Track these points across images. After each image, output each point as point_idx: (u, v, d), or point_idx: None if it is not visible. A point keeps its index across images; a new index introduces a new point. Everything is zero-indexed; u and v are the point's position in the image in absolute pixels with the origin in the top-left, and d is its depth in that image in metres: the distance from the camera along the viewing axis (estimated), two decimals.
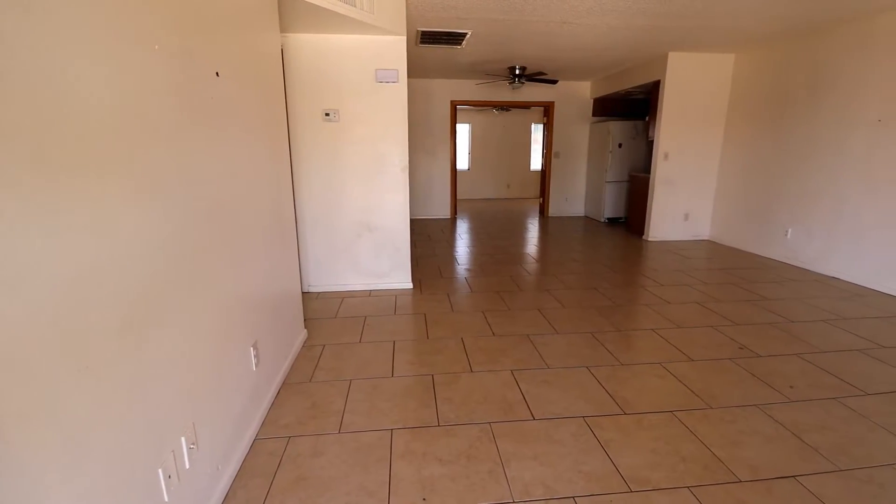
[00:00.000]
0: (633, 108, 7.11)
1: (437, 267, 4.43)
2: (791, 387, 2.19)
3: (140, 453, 1.09)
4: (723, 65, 5.22)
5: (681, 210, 5.63)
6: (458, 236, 6.02)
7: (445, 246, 5.40)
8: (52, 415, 0.83)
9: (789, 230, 4.51)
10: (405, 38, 3.30)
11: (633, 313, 3.18)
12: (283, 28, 3.04)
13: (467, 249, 5.23)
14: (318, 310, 3.24)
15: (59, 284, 0.85)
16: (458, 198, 8.53)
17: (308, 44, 3.22)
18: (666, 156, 5.42)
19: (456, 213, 7.81)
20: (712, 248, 5.23)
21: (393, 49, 3.30)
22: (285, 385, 2.21)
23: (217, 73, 1.57)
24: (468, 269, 4.35)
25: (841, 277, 3.97)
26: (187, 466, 1.29)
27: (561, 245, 5.47)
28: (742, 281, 3.93)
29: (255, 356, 1.86)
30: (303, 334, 2.71)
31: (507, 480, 1.58)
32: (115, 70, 1.04)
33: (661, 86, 5.28)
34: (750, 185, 5.03)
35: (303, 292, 3.56)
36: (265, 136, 2.09)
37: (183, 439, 1.28)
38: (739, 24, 3.93)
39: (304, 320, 2.92)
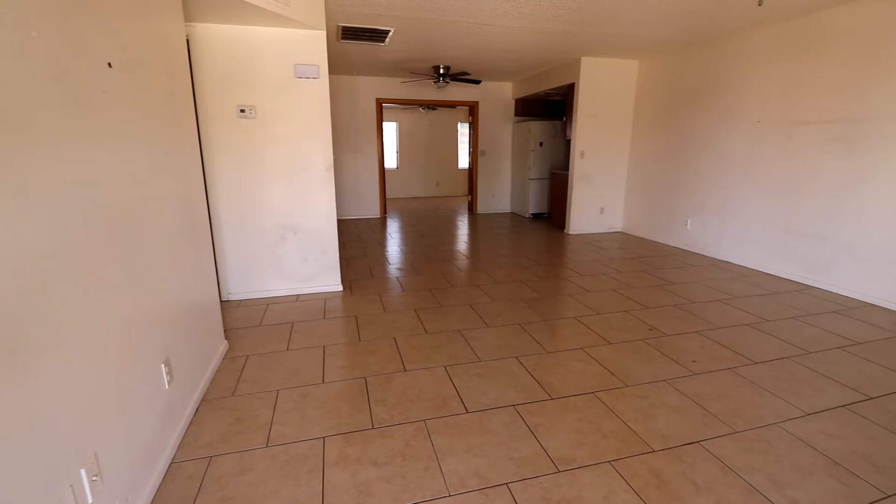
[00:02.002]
0: (551, 108, 7.49)
1: (368, 267, 4.37)
2: (693, 361, 2.44)
3: (27, 494, 0.96)
4: (629, 70, 5.66)
5: (597, 204, 6.03)
6: (388, 236, 5.97)
7: (376, 246, 5.33)
8: None
9: (688, 220, 5.01)
10: (325, 32, 3.20)
11: (557, 303, 3.36)
12: (189, 17, 2.81)
13: (398, 248, 5.20)
14: (240, 319, 3.05)
15: None
16: (387, 197, 8.45)
17: (219, 35, 3.01)
18: (582, 154, 5.77)
19: (386, 213, 7.74)
20: (625, 239, 5.66)
21: (312, 44, 3.19)
22: (205, 401, 2.06)
23: (109, 64, 1.42)
24: (400, 269, 4.33)
25: (732, 261, 4.49)
26: (90, 501, 1.16)
27: (490, 241, 5.62)
28: (650, 268, 4.30)
29: (167, 373, 1.71)
30: (223, 346, 2.54)
31: (442, 475, 1.60)
32: None
33: (575, 88, 5.61)
34: (654, 180, 5.51)
35: (222, 301, 3.33)
36: (171, 134, 1.92)
37: (83, 472, 1.14)
38: (641, 33, 4.28)
39: (225, 331, 2.73)
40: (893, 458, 1.69)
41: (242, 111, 3.14)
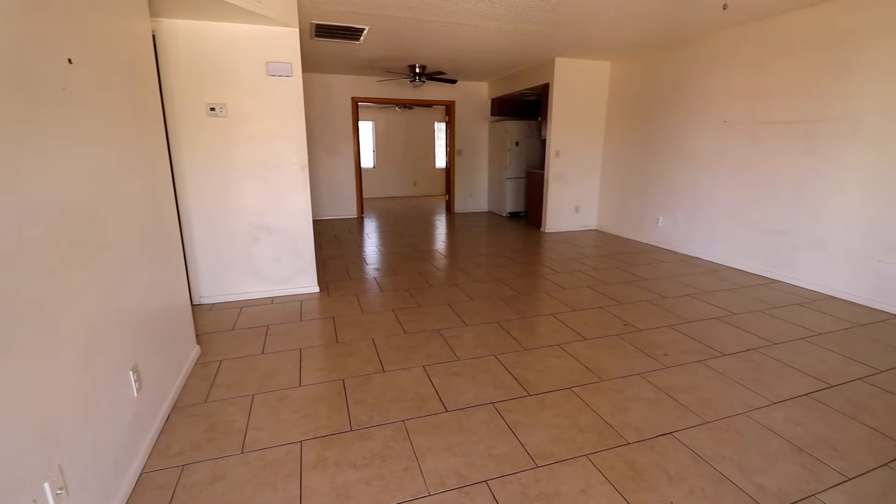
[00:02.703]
0: (527, 108, 7.56)
1: (345, 268, 4.32)
2: (665, 355, 2.51)
3: None
4: (601, 71, 5.77)
5: (572, 203, 6.12)
6: (366, 236, 5.92)
7: (353, 246, 5.28)
8: None
9: (660, 218, 5.14)
10: (297, 30, 3.15)
11: (535, 301, 3.40)
12: (155, 12, 2.73)
13: (376, 249, 5.17)
14: (212, 323, 2.97)
15: None
16: (364, 196, 8.37)
17: (187, 31, 2.92)
18: (557, 153, 5.85)
19: (363, 213, 7.67)
20: (599, 237, 5.77)
21: (285, 41, 3.13)
22: (176, 409, 2.00)
23: (70, 61, 1.36)
24: (377, 269, 4.30)
25: (701, 257, 4.63)
26: None
27: (467, 240, 5.64)
28: (624, 265, 4.39)
29: (135, 381, 1.65)
30: (195, 351, 2.47)
31: (422, 475, 1.59)
32: None
33: (550, 88, 5.69)
34: (626, 179, 5.64)
35: (194, 305, 3.25)
36: (136, 132, 1.86)
37: (46, 485, 1.09)
38: (613, 34, 4.37)
39: (197, 335, 2.66)
40: (853, 443, 1.78)
41: (213, 109, 3.06)
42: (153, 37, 2.72)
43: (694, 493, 1.51)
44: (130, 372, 1.63)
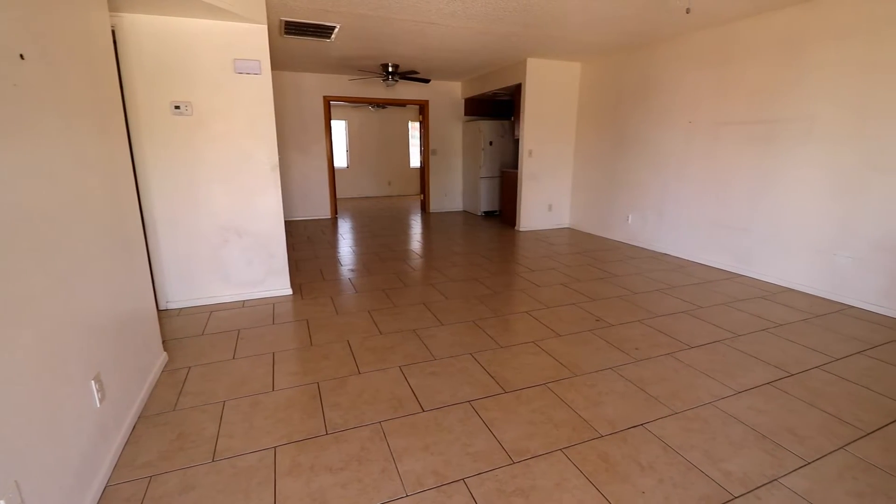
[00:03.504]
0: (500, 108, 7.63)
1: (319, 269, 4.26)
2: (636, 349, 2.58)
3: None
4: (572, 71, 5.87)
5: (545, 202, 6.21)
6: (340, 236, 5.85)
7: (327, 247, 5.21)
8: None
9: (629, 216, 5.27)
10: (266, 26, 3.08)
11: (510, 299, 3.43)
12: (115, 7, 2.62)
13: (350, 249, 5.11)
14: (180, 328, 2.88)
15: None
16: (338, 197, 8.29)
17: (150, 27, 2.81)
18: (530, 153, 5.92)
19: (337, 213, 7.57)
20: (572, 235, 5.88)
21: (253, 38, 3.06)
22: (142, 418, 1.93)
23: (22, 56, 1.29)
24: (352, 270, 4.26)
25: (669, 253, 4.77)
26: None
27: (443, 240, 5.65)
28: (596, 262, 4.49)
29: (97, 390, 1.58)
30: (162, 358, 2.38)
31: (399, 476, 1.59)
32: None
33: (522, 88, 5.75)
34: (597, 178, 5.76)
35: (160, 310, 3.14)
36: (95, 131, 1.78)
37: (2, 503, 1.04)
38: (583, 36, 4.45)
39: (164, 341, 2.58)
40: (813, 428, 1.87)
41: (177, 108, 2.96)
42: (113, 32, 2.61)
43: (664, 482, 1.56)
44: (92, 381, 1.56)
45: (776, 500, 1.48)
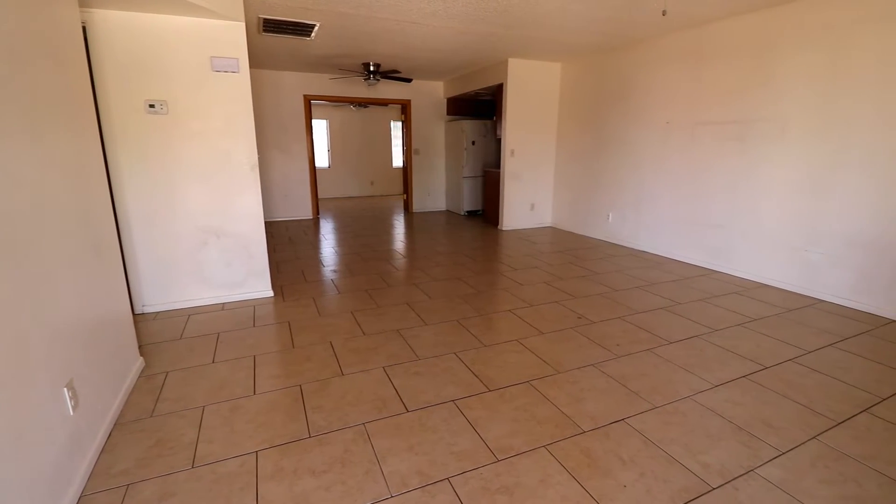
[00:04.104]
0: (482, 108, 7.66)
1: (301, 270, 4.21)
2: (617, 345, 2.62)
3: None
4: (553, 72, 5.93)
5: (528, 201, 6.26)
6: (322, 237, 5.79)
7: (309, 248, 5.15)
8: None
9: (609, 214, 5.35)
10: (244, 24, 3.03)
11: (493, 297, 3.45)
12: (86, 2, 2.54)
13: (333, 250, 5.06)
14: (157, 332, 2.81)
15: None
16: (319, 197, 8.20)
17: (122, 23, 2.74)
18: (512, 152, 5.96)
19: (318, 213, 7.50)
20: (554, 234, 5.94)
21: (231, 35, 3.00)
22: (118, 425, 1.88)
23: None
24: (334, 271, 4.22)
25: (648, 251, 4.86)
26: None
27: (426, 239, 5.64)
28: (578, 260, 4.54)
29: (70, 398, 1.53)
30: (139, 363, 2.32)
31: (384, 477, 1.58)
32: None
33: (504, 88, 5.78)
34: (578, 177, 5.83)
35: (136, 314, 3.07)
36: (64, 131, 1.72)
37: None
38: (562, 37, 4.49)
39: (140, 346, 2.52)
40: (786, 419, 1.93)
41: (152, 106, 2.88)
42: (84, 29, 2.53)
43: (645, 476, 1.59)
44: (65, 389, 1.51)
45: (752, 490, 1.53)
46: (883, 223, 3.02)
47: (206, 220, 3.18)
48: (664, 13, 2.95)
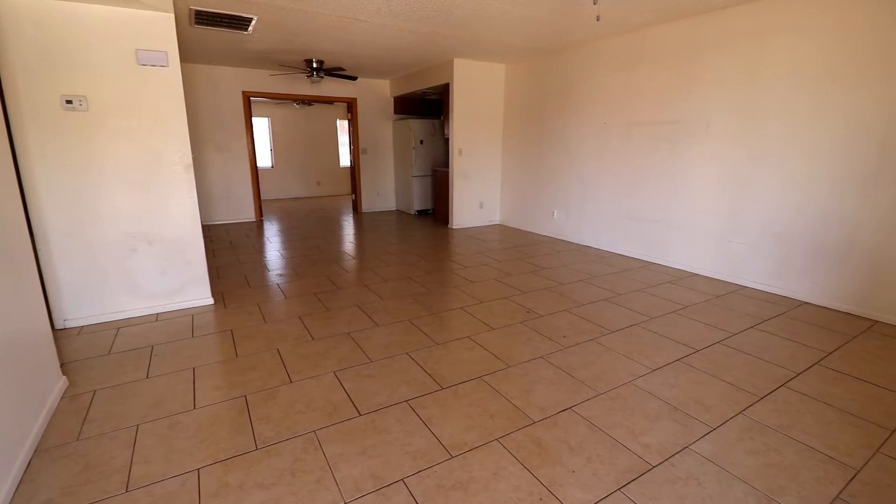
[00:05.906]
0: (430, 107, 7.66)
1: (244, 276, 4.02)
2: (564, 337, 2.72)
3: None
4: (497, 72, 6.04)
5: (476, 200, 6.35)
6: (266, 240, 5.56)
7: (252, 252, 4.93)
8: None
9: (555, 211, 5.54)
10: (173, 15, 2.84)
11: (444, 296, 3.47)
12: None
13: (278, 253, 4.88)
14: (82, 349, 2.58)
15: None
16: (263, 198, 7.88)
17: (32, 11, 2.48)
18: (460, 151, 6.02)
19: (262, 215, 7.20)
20: (503, 231, 6.06)
21: (158, 27, 2.81)
22: (39, 452, 1.71)
23: None
24: (281, 275, 4.07)
25: (591, 245, 5.08)
26: None
27: (376, 240, 5.57)
28: (525, 256, 4.67)
29: None
30: (61, 383, 2.12)
31: (336, 484, 1.55)
32: None
33: (450, 88, 5.82)
34: (524, 176, 5.99)
35: (56, 329, 2.81)
36: None
37: None
38: (504, 38, 4.58)
39: (63, 364, 2.31)
40: (716, 397, 2.08)
41: (69, 102, 2.65)
42: None
43: (592, 460, 1.66)
44: None
45: (688, 465, 1.64)
46: (792, 214, 3.34)
47: (136, 226, 2.96)
48: (598, 19, 3.09)
